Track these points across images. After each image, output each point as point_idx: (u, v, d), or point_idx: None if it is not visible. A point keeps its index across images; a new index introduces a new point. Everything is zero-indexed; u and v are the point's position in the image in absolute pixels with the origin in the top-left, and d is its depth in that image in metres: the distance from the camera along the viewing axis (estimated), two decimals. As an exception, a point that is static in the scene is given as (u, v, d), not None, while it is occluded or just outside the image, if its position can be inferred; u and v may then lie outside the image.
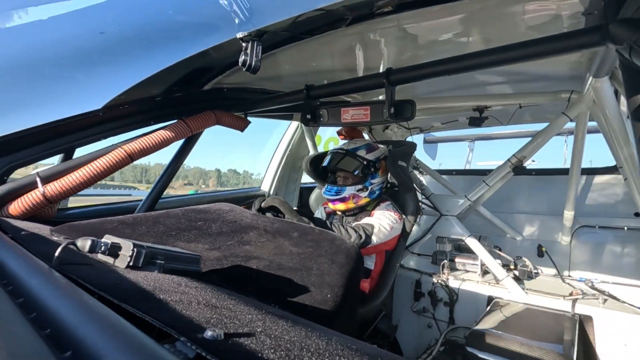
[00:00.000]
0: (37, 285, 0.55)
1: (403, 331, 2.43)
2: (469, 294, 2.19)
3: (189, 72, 1.55)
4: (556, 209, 2.64)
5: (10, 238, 0.88)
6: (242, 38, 1.09)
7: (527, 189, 2.90)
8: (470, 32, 1.38)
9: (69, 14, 1.02)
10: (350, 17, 1.21)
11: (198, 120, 1.67)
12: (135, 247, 0.72)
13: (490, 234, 2.77)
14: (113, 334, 0.42)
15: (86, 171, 1.32)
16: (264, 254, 1.04)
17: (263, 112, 2.18)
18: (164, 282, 0.66)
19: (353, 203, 1.96)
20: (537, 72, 1.83)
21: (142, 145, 1.46)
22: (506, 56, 1.10)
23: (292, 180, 3.00)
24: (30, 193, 1.23)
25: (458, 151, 4.02)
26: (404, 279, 2.46)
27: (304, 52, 1.59)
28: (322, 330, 0.54)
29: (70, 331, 0.42)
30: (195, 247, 1.01)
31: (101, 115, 1.39)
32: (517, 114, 2.46)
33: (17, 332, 0.40)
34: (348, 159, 1.99)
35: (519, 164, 2.16)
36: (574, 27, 1.20)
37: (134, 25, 1.10)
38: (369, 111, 1.55)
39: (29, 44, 1.08)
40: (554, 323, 1.73)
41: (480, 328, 1.63)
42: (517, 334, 1.56)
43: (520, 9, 1.16)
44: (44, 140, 1.30)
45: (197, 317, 0.51)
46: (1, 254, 0.71)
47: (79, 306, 0.49)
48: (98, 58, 1.18)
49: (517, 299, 2.00)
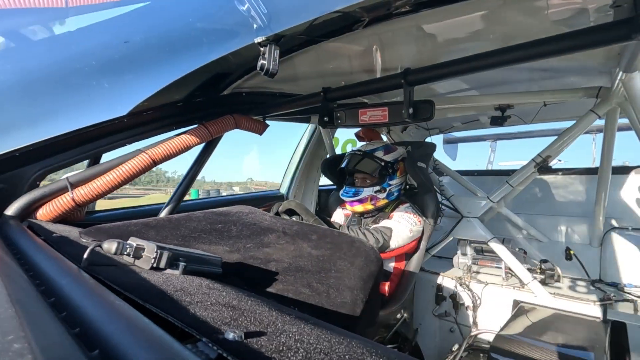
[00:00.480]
0: (67, 286, 0.57)
1: (424, 335, 2.38)
2: (492, 297, 2.13)
3: (209, 78, 1.59)
4: (585, 210, 2.54)
5: (42, 240, 0.92)
6: (260, 43, 1.11)
7: (553, 189, 2.79)
8: (491, 29, 1.35)
9: (95, 25, 1.06)
10: (367, 19, 1.20)
11: (218, 125, 1.70)
12: (159, 249, 0.73)
13: (515, 236, 2.69)
14: (138, 333, 0.43)
15: (113, 176, 1.37)
16: (283, 257, 1.05)
17: (281, 115, 2.20)
18: (186, 283, 0.67)
19: (371, 205, 1.95)
20: (562, 68, 1.77)
21: (165, 150, 1.50)
22: (529, 53, 1.07)
23: (310, 182, 3.01)
24: (61, 197, 1.29)
25: (479, 151, 3.93)
26: (425, 282, 2.41)
27: (321, 55, 1.60)
28: (342, 334, 0.54)
29: (98, 330, 0.43)
30: (216, 249, 1.03)
31: (126, 122, 1.44)
32: (542, 112, 2.38)
33: (49, 330, 0.42)
34: (366, 160, 1.98)
35: (544, 163, 2.08)
36: (601, 20, 1.15)
37: (156, 33, 1.14)
38: (387, 112, 1.54)
39: (60, 55, 1.13)
40: (584, 329, 1.65)
41: (505, 333, 1.58)
42: (545, 341, 1.50)
43: (544, 4, 1.13)
44: (73, 146, 1.36)
45: (218, 318, 0.52)
46: (34, 256, 0.74)
47: (106, 306, 0.50)
48: (123, 66, 1.22)
49: (544, 304, 1.93)
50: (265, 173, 39.31)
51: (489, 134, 3.75)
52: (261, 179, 37.14)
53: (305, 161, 2.91)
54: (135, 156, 1.44)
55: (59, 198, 1.29)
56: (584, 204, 2.56)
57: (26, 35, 1.04)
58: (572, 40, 0.99)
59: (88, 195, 1.32)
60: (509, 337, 1.54)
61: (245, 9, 1.01)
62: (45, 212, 1.25)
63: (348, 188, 2.00)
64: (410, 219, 1.85)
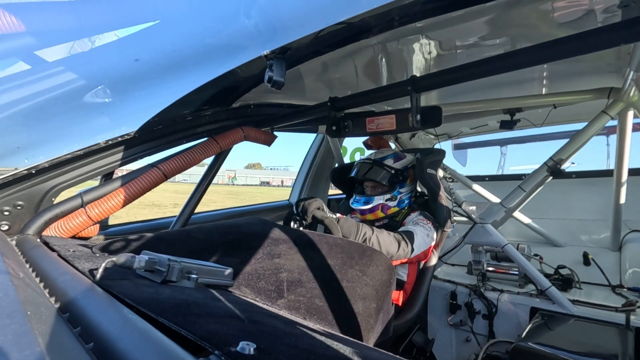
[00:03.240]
0: (82, 300, 0.58)
1: (440, 345, 2.33)
2: (509, 305, 2.07)
3: (217, 92, 1.61)
4: (602, 214, 2.47)
5: (58, 255, 0.94)
6: (267, 55, 1.13)
7: (568, 192, 2.74)
8: (497, 34, 1.35)
9: (107, 45, 1.09)
10: (372, 29, 1.22)
11: (227, 138, 1.72)
12: (170, 262, 0.74)
13: (530, 242, 2.63)
14: (152, 347, 0.43)
15: (125, 191, 1.39)
16: (294, 267, 1.04)
17: (289, 126, 2.22)
18: (198, 296, 0.67)
19: (382, 213, 1.94)
20: (571, 69, 1.75)
21: (175, 163, 1.53)
22: (537, 56, 1.06)
23: (319, 191, 3.01)
24: (75, 213, 1.32)
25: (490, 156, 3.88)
26: (439, 290, 2.37)
27: (327, 65, 1.61)
28: (355, 345, 0.53)
29: (112, 345, 0.44)
30: (227, 261, 1.03)
31: (137, 137, 1.47)
32: (552, 114, 2.35)
33: (65, 345, 0.43)
34: (376, 168, 1.97)
35: (556, 167, 2.04)
36: (608, 21, 1.14)
37: (166, 50, 1.17)
38: (395, 119, 1.54)
39: (73, 74, 1.17)
40: (606, 337, 1.59)
41: (524, 343, 1.53)
42: (566, 349, 1.45)
43: (549, 7, 1.12)
44: (86, 162, 1.39)
45: (230, 330, 0.51)
46: (50, 271, 0.76)
47: (119, 320, 0.51)
48: (134, 83, 1.25)
49: (564, 311, 1.87)
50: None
51: (499, 139, 3.71)
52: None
53: (314, 170, 2.92)
54: (147, 171, 1.46)
55: (74, 214, 1.31)
56: (600, 207, 2.50)
57: (41, 57, 1.08)
58: (581, 42, 0.98)
59: (102, 210, 1.34)
60: (527, 346, 1.49)
61: (252, 24, 1.03)
62: (60, 228, 1.27)
63: (358, 197, 1.99)
64: (426, 224, 1.83)
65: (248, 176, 68.47)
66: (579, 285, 2.14)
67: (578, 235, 2.64)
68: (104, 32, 1.07)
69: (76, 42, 1.08)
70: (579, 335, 1.65)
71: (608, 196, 2.26)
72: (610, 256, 2.38)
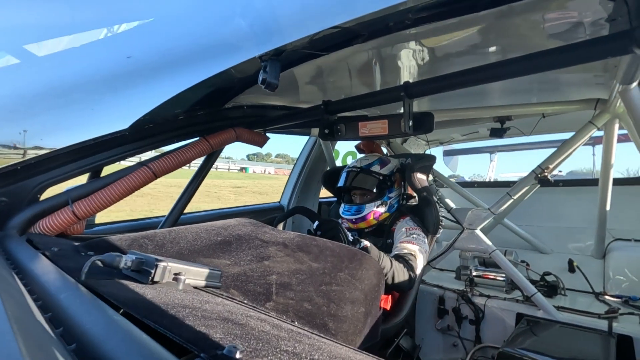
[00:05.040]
0: (65, 300, 0.56)
1: (427, 350, 2.34)
2: (495, 311, 2.09)
3: (210, 92, 1.60)
4: (587, 222, 2.52)
5: (42, 254, 0.92)
6: (261, 57, 1.13)
7: (554, 200, 2.79)
8: (488, 43, 1.37)
9: (99, 41, 1.08)
10: (367, 34, 1.22)
11: (219, 138, 1.71)
12: (158, 262, 0.73)
13: (517, 249, 2.66)
14: (136, 349, 0.42)
15: (113, 189, 1.37)
16: (284, 269, 1.04)
17: (282, 128, 2.21)
18: (185, 297, 0.67)
19: (374, 220, 1.94)
20: (560, 80, 1.78)
21: (166, 163, 1.51)
22: (527, 66, 1.08)
23: (311, 194, 3.01)
24: (61, 210, 1.29)
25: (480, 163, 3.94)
26: (427, 295, 2.38)
27: (321, 69, 1.62)
28: (344, 349, 0.53)
29: (95, 346, 0.43)
30: (216, 262, 1.02)
31: (127, 135, 1.45)
32: (541, 123, 2.39)
33: (46, 347, 0.42)
34: (363, 176, 1.97)
35: (544, 175, 2.08)
36: (597, 34, 1.17)
37: (159, 48, 1.16)
38: (387, 125, 1.55)
39: (64, 70, 1.15)
40: (589, 343, 1.62)
41: (509, 348, 1.55)
42: (550, 355, 1.47)
43: (539, 18, 1.15)
44: (74, 159, 1.36)
45: (217, 333, 0.51)
46: (32, 269, 0.74)
47: (104, 321, 0.50)
48: (125, 81, 1.24)
49: (548, 317, 1.90)
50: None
51: (489, 146, 3.77)
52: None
53: (305, 173, 2.92)
54: (137, 169, 1.44)
55: (59, 212, 1.28)
56: (585, 215, 2.55)
57: (30, 50, 1.06)
58: (569, 53, 1.00)
59: (88, 208, 1.32)
60: (513, 351, 1.51)
61: (247, 24, 1.03)
62: (45, 226, 1.25)
63: (348, 206, 1.97)
64: (420, 234, 1.84)
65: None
66: (563, 292, 2.17)
67: (564, 242, 2.69)
68: (97, 28, 1.06)
69: (68, 37, 1.06)
70: (563, 341, 1.67)
71: (593, 205, 2.31)
72: (594, 264, 2.43)
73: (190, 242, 1.09)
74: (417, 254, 1.75)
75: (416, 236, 1.83)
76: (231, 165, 39.45)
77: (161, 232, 1.12)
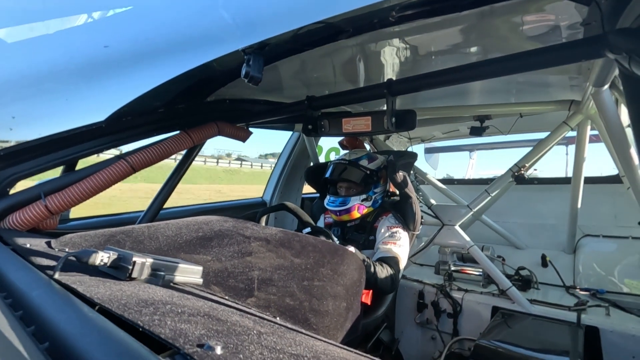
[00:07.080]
0: (37, 298, 0.54)
1: (406, 343, 2.39)
2: (472, 304, 2.16)
3: (191, 84, 1.57)
4: (559, 218, 2.62)
5: (12, 250, 0.88)
6: (245, 50, 1.11)
7: (530, 198, 2.89)
8: (470, 43, 1.40)
9: (74, 29, 1.03)
10: (351, 30, 1.22)
11: (200, 132, 1.68)
12: (136, 258, 0.71)
13: (493, 244, 2.75)
14: (113, 347, 0.41)
15: (89, 183, 1.32)
16: (266, 265, 1.03)
17: (265, 123, 2.19)
18: (164, 293, 0.65)
19: (358, 213, 1.96)
20: (537, 81, 1.84)
21: (144, 156, 1.47)
22: (505, 67, 1.11)
23: (293, 190, 3.00)
24: (33, 205, 1.23)
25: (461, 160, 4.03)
26: (407, 289, 2.43)
27: (305, 64, 1.61)
28: (325, 343, 0.54)
29: (70, 344, 0.41)
30: (197, 258, 1.01)
31: (104, 127, 1.40)
32: (518, 123, 2.47)
33: (16, 346, 0.40)
34: (351, 169, 1.99)
35: (520, 173, 2.15)
36: (572, 37, 1.21)
37: (138, 38, 1.12)
38: (370, 121, 1.56)
39: (36, 57, 1.10)
40: (560, 335, 1.70)
41: (484, 340, 1.60)
42: (523, 346, 1.53)
43: (519, 20, 1.18)
44: (47, 151, 1.30)
45: (198, 329, 0.50)
46: (2, 266, 0.71)
47: (78, 319, 0.48)
48: (102, 71, 1.19)
49: (522, 310, 1.97)
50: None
51: (469, 144, 3.86)
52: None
53: (288, 169, 2.91)
54: (114, 163, 1.40)
55: (31, 206, 1.23)
56: (558, 212, 2.65)
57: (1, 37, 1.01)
58: (545, 56, 1.03)
59: (62, 203, 1.27)
60: (488, 343, 1.56)
61: (230, 16, 1.01)
62: (15, 221, 1.19)
63: (334, 198, 1.99)
64: (401, 233, 1.87)
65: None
66: (537, 285, 2.26)
67: (538, 238, 2.79)
68: (72, 15, 1.02)
69: (40, 23, 1.01)
70: (535, 333, 1.74)
71: (565, 202, 2.40)
72: (565, 258, 2.53)
73: (170, 238, 1.07)
74: (400, 257, 1.79)
75: (398, 235, 1.86)
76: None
77: (139, 228, 1.09)
